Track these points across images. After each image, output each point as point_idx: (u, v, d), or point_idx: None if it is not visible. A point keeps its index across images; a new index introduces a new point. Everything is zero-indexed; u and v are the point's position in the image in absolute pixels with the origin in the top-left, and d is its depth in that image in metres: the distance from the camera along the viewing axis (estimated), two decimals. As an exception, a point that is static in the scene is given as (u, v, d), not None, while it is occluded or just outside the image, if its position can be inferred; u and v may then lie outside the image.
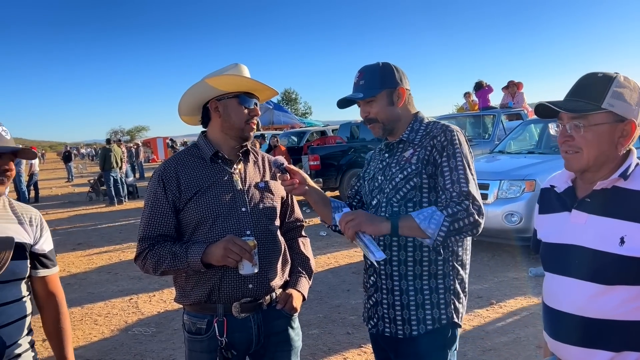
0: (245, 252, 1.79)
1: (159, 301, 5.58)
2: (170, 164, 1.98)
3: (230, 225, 1.91)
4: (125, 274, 6.77)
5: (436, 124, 1.88)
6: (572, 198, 1.52)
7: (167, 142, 35.70)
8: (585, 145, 1.43)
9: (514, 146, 7.95)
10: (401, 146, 1.91)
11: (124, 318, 5.13)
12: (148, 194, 1.97)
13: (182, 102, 2.03)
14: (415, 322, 1.82)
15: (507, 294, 5.05)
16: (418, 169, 1.80)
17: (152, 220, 1.92)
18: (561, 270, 1.50)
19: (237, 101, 1.96)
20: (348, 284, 5.74)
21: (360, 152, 11.90)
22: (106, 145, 14.55)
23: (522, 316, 4.49)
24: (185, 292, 1.97)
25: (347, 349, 4.05)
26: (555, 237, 1.53)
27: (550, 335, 1.54)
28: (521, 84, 10.92)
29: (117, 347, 4.40)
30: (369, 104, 1.89)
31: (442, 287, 1.83)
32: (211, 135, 2.03)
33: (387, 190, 1.86)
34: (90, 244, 8.81)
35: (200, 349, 1.94)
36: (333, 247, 7.41)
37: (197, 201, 1.91)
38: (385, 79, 1.87)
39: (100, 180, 15.08)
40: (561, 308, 1.48)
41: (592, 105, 1.41)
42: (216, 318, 1.91)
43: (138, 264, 1.96)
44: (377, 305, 1.91)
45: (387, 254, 1.85)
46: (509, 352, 3.83)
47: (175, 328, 4.74)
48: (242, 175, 2.02)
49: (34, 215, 1.84)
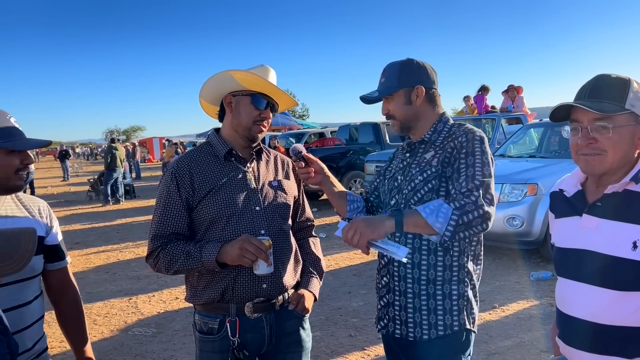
0: (261, 252, 1.77)
1: (159, 301, 5.54)
2: (183, 162, 1.95)
3: (245, 224, 1.89)
4: (123, 274, 6.72)
5: (460, 127, 1.83)
6: (582, 202, 1.50)
7: (163, 143, 35.61)
8: (612, 147, 1.40)
9: (514, 150, 7.96)
10: (422, 147, 1.88)
11: (123, 318, 5.09)
12: (161, 192, 1.94)
13: (204, 86, 2.00)
14: (427, 326, 1.79)
15: (509, 298, 5.04)
16: (438, 171, 1.76)
17: (165, 218, 1.89)
18: (574, 275, 1.47)
19: (249, 99, 1.93)
20: (349, 286, 5.72)
21: (359, 154, 11.89)
22: (111, 144, 14.51)
23: (525, 320, 4.48)
24: (197, 292, 1.94)
25: (350, 351, 4.03)
26: (567, 241, 1.51)
27: (564, 340, 1.52)
28: (521, 88, 10.93)
29: (118, 348, 4.35)
30: (387, 101, 1.87)
31: (456, 294, 1.79)
32: (224, 132, 2.01)
33: (406, 191, 1.83)
34: (88, 244, 8.74)
35: (212, 349, 1.91)
36: (333, 248, 7.38)
37: (210, 199, 1.88)
38: (404, 77, 1.84)
39: (101, 180, 15.04)
40: (574, 314, 1.46)
41: (616, 106, 1.39)
42: (228, 318, 1.89)
43: (150, 262, 1.93)
44: (388, 306, 1.89)
45: None
46: (514, 356, 3.81)
47: (176, 329, 4.70)
48: (256, 173, 2.00)
49: (41, 206, 1.80)
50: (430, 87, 1.87)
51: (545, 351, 3.85)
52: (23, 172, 1.66)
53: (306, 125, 22.91)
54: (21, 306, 1.62)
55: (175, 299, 5.55)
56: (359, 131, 13.71)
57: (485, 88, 11.47)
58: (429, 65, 1.88)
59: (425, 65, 1.87)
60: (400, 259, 1.62)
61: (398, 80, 1.84)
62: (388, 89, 1.85)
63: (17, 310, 1.60)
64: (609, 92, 1.41)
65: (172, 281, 6.17)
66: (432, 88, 1.87)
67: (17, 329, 1.57)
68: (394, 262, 1.84)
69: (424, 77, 1.86)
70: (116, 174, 13.99)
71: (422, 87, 1.84)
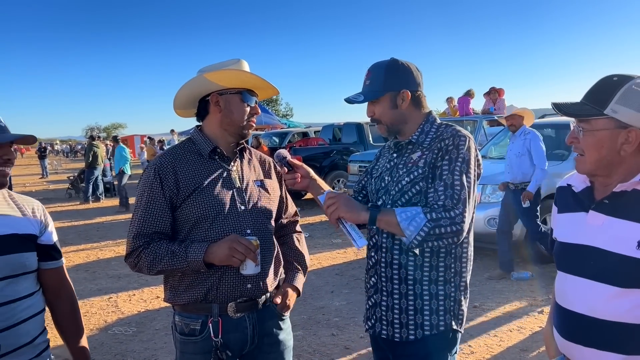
0: (250, 251, 1.76)
1: (139, 300, 5.49)
2: (166, 159, 1.91)
3: (230, 224, 1.87)
4: (103, 273, 6.64)
5: (448, 128, 1.82)
6: (589, 199, 1.51)
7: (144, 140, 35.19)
8: (586, 148, 1.44)
9: (495, 152, 8.04)
10: (410, 147, 1.87)
11: (103, 317, 5.02)
12: (142, 189, 1.89)
13: (178, 96, 1.96)
14: (413, 327, 1.80)
15: (490, 297, 5.10)
16: (424, 173, 1.77)
17: (148, 216, 1.85)
18: (575, 270, 1.49)
19: (239, 97, 1.91)
20: (331, 285, 5.73)
21: (342, 154, 11.93)
22: (92, 141, 14.26)
23: (505, 319, 4.54)
24: (178, 292, 1.90)
25: (333, 350, 4.04)
26: (571, 237, 1.53)
27: (561, 334, 1.54)
28: (502, 90, 11.08)
29: (97, 347, 4.30)
30: (373, 104, 1.86)
31: (442, 294, 1.80)
32: (208, 130, 1.97)
33: (393, 192, 1.83)
34: (67, 242, 8.61)
35: (194, 351, 1.89)
36: (316, 248, 7.38)
37: (195, 198, 1.85)
38: (389, 81, 1.82)
39: (81, 177, 14.80)
40: (574, 308, 1.48)
41: (595, 110, 1.41)
42: (211, 318, 1.86)
43: (129, 262, 1.88)
44: (375, 306, 1.90)
45: (389, 256, 1.83)
46: (493, 354, 3.86)
47: (157, 328, 4.66)
48: (240, 172, 1.98)
49: (36, 206, 1.78)
50: (415, 89, 1.86)
51: (525, 350, 3.91)
52: (4, 168, 1.63)
53: (290, 124, 22.84)
54: (12, 302, 1.60)
55: (156, 298, 5.50)
56: (343, 131, 13.73)
57: (471, 93, 11.63)
58: (413, 66, 1.87)
59: (410, 66, 1.86)
60: (356, 247, 1.75)
61: (384, 84, 1.82)
62: (373, 93, 1.84)
63: (7, 306, 1.59)
64: (599, 94, 1.43)
65: (152, 280, 6.11)
66: (417, 90, 1.87)
67: (9, 324, 1.58)
68: (381, 263, 1.85)
69: (410, 80, 1.85)
70: (97, 172, 13.81)
71: (407, 92, 1.83)
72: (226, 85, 1.90)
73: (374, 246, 1.90)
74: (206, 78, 1.87)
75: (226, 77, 1.88)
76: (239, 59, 1.94)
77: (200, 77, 1.89)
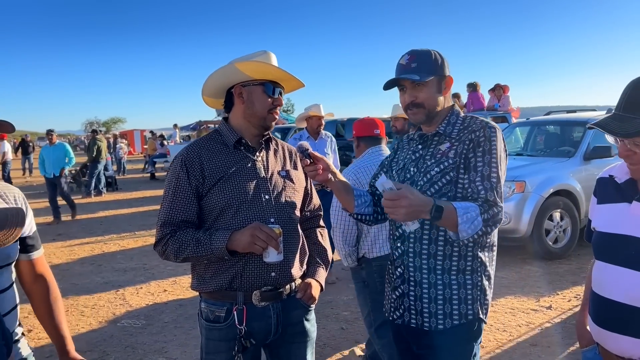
0: (272, 239, 1.77)
1: (147, 294, 5.49)
2: (193, 149, 1.94)
3: (254, 212, 1.89)
4: (109, 266, 6.64)
5: (475, 119, 1.85)
6: (633, 190, 1.53)
7: (144, 135, 35.14)
8: None
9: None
10: (436, 139, 1.88)
11: (111, 310, 5.03)
12: (170, 179, 1.93)
13: (208, 82, 1.99)
14: (442, 316, 1.82)
15: (497, 293, 5.10)
16: (456, 163, 1.78)
17: (175, 205, 1.88)
18: (616, 259, 1.51)
19: (261, 89, 1.93)
20: (339, 279, 5.73)
21: (345, 150, 11.90)
22: (95, 135, 14.23)
23: (513, 315, 4.56)
24: (204, 279, 1.93)
25: (342, 344, 4.05)
26: (612, 227, 1.55)
27: (597, 322, 1.56)
28: (507, 87, 11.07)
29: (107, 339, 4.31)
30: (417, 88, 1.81)
31: (470, 283, 1.82)
32: (233, 121, 2.00)
33: (421, 183, 1.83)
34: (71, 235, 8.61)
35: (219, 337, 1.91)
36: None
37: (221, 187, 1.88)
38: (437, 65, 1.83)
39: (83, 171, 14.77)
40: (612, 297, 1.50)
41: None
42: (236, 306, 1.88)
43: (158, 249, 1.92)
44: (403, 296, 1.90)
45: (417, 246, 1.84)
46: (504, 349, 3.88)
47: (166, 321, 4.67)
48: (265, 163, 2.00)
49: (17, 194, 1.73)
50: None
51: (535, 345, 3.93)
52: None
53: (291, 120, 22.81)
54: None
55: (163, 291, 5.51)
56: (346, 127, 13.72)
57: (477, 85, 11.47)
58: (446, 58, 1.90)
59: (445, 57, 1.89)
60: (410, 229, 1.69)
61: (432, 67, 1.82)
62: (425, 74, 1.80)
63: None
64: None
65: (159, 274, 6.12)
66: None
67: None
68: (409, 253, 1.86)
69: (449, 68, 1.88)
70: (101, 166, 13.80)
71: (451, 78, 1.86)
72: (252, 76, 1.92)
73: (399, 237, 1.90)
74: (236, 66, 1.89)
75: (251, 68, 1.90)
76: (266, 51, 1.95)
77: (231, 65, 1.91)
